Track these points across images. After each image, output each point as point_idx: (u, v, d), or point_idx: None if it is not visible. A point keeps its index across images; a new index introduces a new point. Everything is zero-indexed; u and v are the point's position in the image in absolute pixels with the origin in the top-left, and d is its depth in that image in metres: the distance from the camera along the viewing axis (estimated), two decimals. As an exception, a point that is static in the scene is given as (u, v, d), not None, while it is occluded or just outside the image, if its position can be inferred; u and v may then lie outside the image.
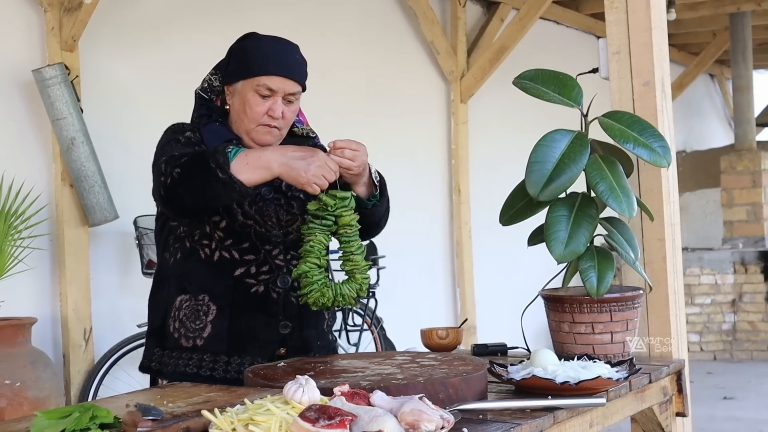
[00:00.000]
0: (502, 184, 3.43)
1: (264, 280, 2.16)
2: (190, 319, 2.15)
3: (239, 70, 2.17)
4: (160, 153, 2.14)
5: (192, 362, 2.14)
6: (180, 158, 2.03)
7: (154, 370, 2.21)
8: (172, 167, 2.01)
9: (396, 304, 5.75)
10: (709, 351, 8.18)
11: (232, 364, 2.13)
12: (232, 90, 2.20)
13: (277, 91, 2.14)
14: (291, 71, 2.15)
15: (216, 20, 5.01)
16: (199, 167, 1.98)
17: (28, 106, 4.13)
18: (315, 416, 1.34)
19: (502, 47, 6.53)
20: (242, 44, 2.21)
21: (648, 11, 2.39)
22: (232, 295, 2.14)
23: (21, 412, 3.44)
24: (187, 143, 2.15)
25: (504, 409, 1.66)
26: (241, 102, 2.16)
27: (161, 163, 2.06)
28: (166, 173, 2.02)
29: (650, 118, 2.32)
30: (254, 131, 2.17)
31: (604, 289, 2.03)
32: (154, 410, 1.47)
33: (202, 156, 1.99)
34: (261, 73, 2.13)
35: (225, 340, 2.13)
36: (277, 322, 2.16)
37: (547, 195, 2.01)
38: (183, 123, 2.25)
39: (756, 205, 8.63)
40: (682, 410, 2.27)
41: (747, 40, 8.84)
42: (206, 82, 2.26)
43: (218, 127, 2.20)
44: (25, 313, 3.88)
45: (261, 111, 2.14)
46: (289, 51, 2.19)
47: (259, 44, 2.18)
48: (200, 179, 1.98)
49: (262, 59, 2.14)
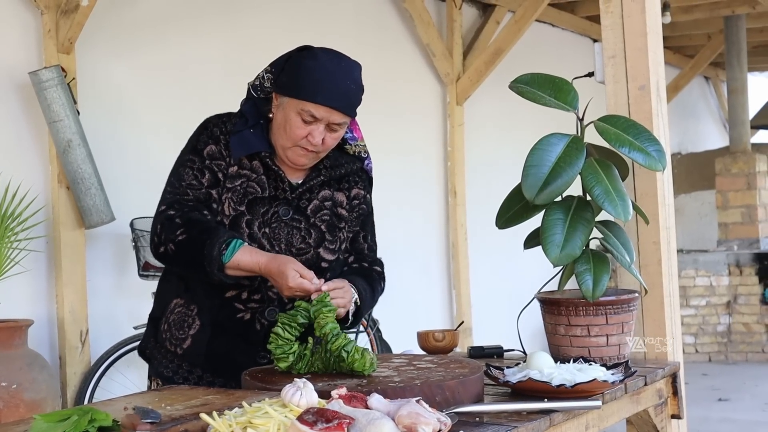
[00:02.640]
0: (498, 186, 3.45)
1: (252, 309, 2.11)
2: (176, 326, 2.15)
3: (288, 86, 2.05)
4: (173, 173, 2.12)
5: (171, 366, 2.15)
6: (176, 229, 2.02)
7: (147, 356, 2.24)
8: (167, 239, 2.03)
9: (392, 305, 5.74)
10: (704, 352, 8.20)
11: (204, 380, 2.12)
12: (279, 101, 2.09)
13: (321, 120, 2.03)
14: (340, 102, 2.03)
15: (212, 22, 5.02)
16: (193, 258, 2.00)
17: (24, 109, 4.13)
18: (313, 419, 1.35)
19: (497, 50, 6.55)
20: (299, 58, 2.07)
21: (643, 16, 2.41)
22: (218, 315, 2.12)
23: (17, 414, 3.44)
24: (201, 169, 2.09)
25: (500, 411, 1.67)
26: (283, 118, 2.06)
27: (158, 221, 2.06)
28: (161, 240, 2.04)
29: (645, 121, 2.33)
30: (290, 150, 2.08)
31: (600, 292, 2.05)
32: (152, 413, 1.48)
33: (198, 247, 1.98)
34: (308, 99, 2.01)
35: (202, 355, 2.12)
36: (256, 351, 2.12)
37: (543, 198, 2.02)
38: (218, 119, 2.15)
39: (750, 207, 8.65)
40: (678, 412, 2.28)
41: (741, 42, 8.86)
42: (259, 78, 2.14)
43: (250, 136, 2.10)
44: (21, 315, 3.88)
45: (300, 135, 2.04)
46: (344, 78, 2.05)
47: (314, 65, 2.03)
48: (192, 268, 2.03)
49: (312, 85, 2.02)
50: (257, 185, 2.11)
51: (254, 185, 2.10)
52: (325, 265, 2.14)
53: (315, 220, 2.14)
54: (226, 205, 2.08)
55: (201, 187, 2.09)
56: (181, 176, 2.10)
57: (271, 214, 2.10)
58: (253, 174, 2.11)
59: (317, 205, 2.15)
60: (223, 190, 2.09)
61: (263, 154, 2.10)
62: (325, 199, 2.16)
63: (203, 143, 2.12)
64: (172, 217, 2.05)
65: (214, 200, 2.09)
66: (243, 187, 2.09)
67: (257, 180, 2.11)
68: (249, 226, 2.08)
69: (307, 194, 2.15)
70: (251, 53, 4.83)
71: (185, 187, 2.09)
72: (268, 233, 2.09)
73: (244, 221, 2.08)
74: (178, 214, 2.05)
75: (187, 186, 2.09)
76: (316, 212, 2.14)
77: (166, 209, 2.07)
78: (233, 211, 2.08)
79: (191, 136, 2.16)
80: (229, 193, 2.09)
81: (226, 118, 2.15)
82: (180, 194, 2.09)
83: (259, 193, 2.10)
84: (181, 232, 2.02)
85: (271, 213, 2.10)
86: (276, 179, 2.12)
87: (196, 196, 2.08)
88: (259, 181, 2.11)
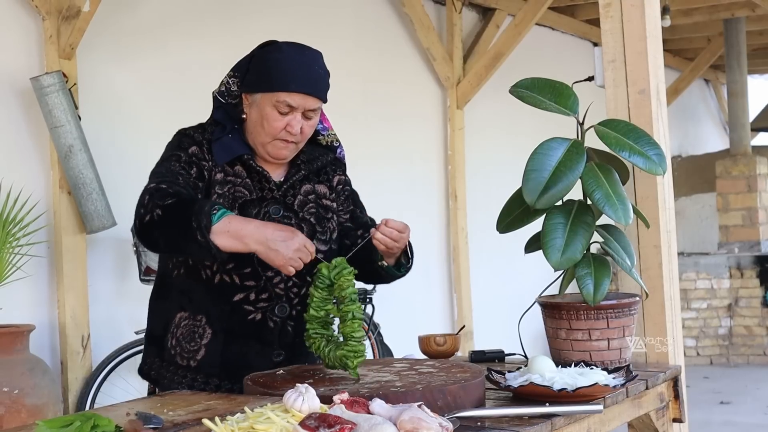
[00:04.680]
0: (498, 190, 3.45)
1: (262, 308, 2.12)
2: (186, 339, 2.14)
3: (259, 82, 2.09)
4: (158, 166, 2.11)
5: (186, 380, 2.14)
6: (165, 196, 1.96)
7: (153, 378, 2.22)
8: (154, 205, 1.96)
9: (393, 309, 5.75)
10: (705, 356, 8.19)
11: (222, 388, 2.11)
12: (250, 100, 2.13)
13: (297, 108, 2.08)
14: (313, 88, 2.08)
15: (213, 27, 5.02)
16: (180, 219, 1.92)
17: (26, 114, 4.14)
18: (315, 424, 1.35)
19: (497, 53, 6.56)
20: (263, 54, 2.12)
21: (643, 20, 2.41)
22: (229, 320, 2.12)
23: (19, 419, 3.44)
24: (188, 162, 2.10)
25: (502, 416, 1.67)
26: (258, 114, 2.10)
27: (146, 192, 2.00)
28: (147, 208, 1.97)
29: (645, 126, 2.33)
30: (270, 145, 2.12)
31: (601, 296, 2.05)
32: (154, 419, 1.49)
33: (186, 208, 1.93)
34: (281, 89, 2.06)
35: (217, 365, 2.13)
36: (270, 350, 2.14)
37: (544, 203, 2.03)
38: (194, 130, 2.17)
39: (751, 209, 8.65)
40: (679, 416, 2.28)
41: (741, 45, 8.88)
42: (224, 84, 2.18)
43: (230, 141, 2.13)
44: (22, 320, 3.88)
45: (279, 126, 2.08)
46: (311, 64, 2.11)
47: (281, 57, 2.09)
48: (178, 231, 1.93)
49: (283, 75, 2.06)
50: (244, 189, 2.13)
51: (241, 189, 2.13)
52: (319, 256, 2.14)
53: (303, 214, 2.18)
54: None
55: (189, 177, 2.08)
56: (169, 167, 2.08)
57: (263, 214, 2.12)
58: (238, 179, 2.13)
59: (302, 200, 2.20)
60: (213, 196, 2.10)
61: (245, 157, 2.13)
62: (308, 192, 2.21)
63: (186, 144, 2.13)
64: (161, 189, 1.99)
65: (200, 192, 2.09)
66: (231, 193, 2.11)
67: (243, 184, 2.13)
68: None
69: (291, 191, 2.18)
70: (252, 58, 4.84)
71: (175, 173, 2.07)
72: None
73: None
74: (168, 187, 2.00)
75: (177, 173, 2.07)
76: (302, 207, 2.18)
77: (157, 184, 2.02)
78: None
79: (169, 143, 2.16)
80: (220, 200, 2.09)
81: (201, 128, 2.17)
82: (170, 176, 2.05)
83: (248, 195, 2.13)
84: (170, 197, 1.97)
85: (263, 213, 2.12)
86: (261, 180, 2.15)
87: (186, 181, 2.07)
88: (245, 185, 2.13)
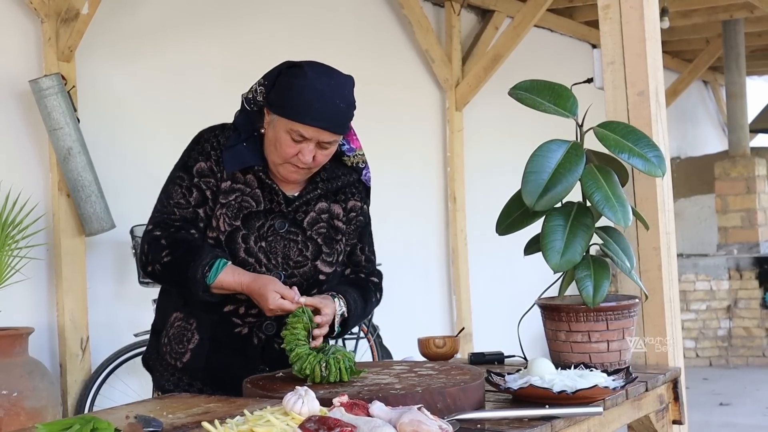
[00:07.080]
0: (497, 192, 3.45)
1: (249, 323, 2.12)
2: (176, 340, 2.16)
3: (278, 105, 2.04)
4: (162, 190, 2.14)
5: (172, 379, 2.17)
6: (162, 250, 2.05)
7: (150, 367, 2.26)
8: (153, 260, 2.06)
9: (392, 311, 5.75)
10: (704, 357, 8.19)
11: (204, 393, 2.10)
12: (269, 117, 2.08)
13: (310, 139, 2.02)
14: (329, 123, 2.01)
15: (212, 30, 5.02)
16: (179, 279, 2.04)
17: (24, 117, 4.14)
18: (315, 427, 1.35)
19: (496, 55, 6.56)
20: (288, 77, 2.04)
21: (642, 22, 2.41)
22: (216, 329, 2.13)
23: (18, 422, 3.43)
24: (189, 188, 2.10)
25: (502, 418, 1.67)
26: (274, 135, 2.05)
27: (145, 240, 2.09)
28: (148, 260, 2.08)
29: (645, 127, 2.33)
30: (281, 167, 2.08)
31: (601, 298, 2.05)
32: (154, 422, 1.48)
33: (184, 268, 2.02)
34: (297, 120, 2.00)
35: (201, 370, 2.14)
36: (254, 365, 2.14)
37: (543, 205, 2.02)
38: (213, 132, 2.14)
39: (750, 211, 8.65)
40: (679, 418, 2.28)
41: (740, 47, 8.88)
42: (252, 92, 2.12)
43: (243, 150, 2.09)
44: (21, 323, 3.88)
45: (290, 153, 2.04)
46: (333, 97, 2.02)
47: (304, 85, 2.01)
48: (178, 286, 2.09)
49: (300, 106, 2.00)
50: (252, 199, 2.11)
51: (249, 199, 2.11)
52: (322, 277, 2.15)
53: (311, 232, 2.14)
54: (222, 221, 2.09)
55: (188, 206, 2.11)
56: (170, 194, 2.13)
57: (267, 227, 2.10)
58: (248, 188, 2.11)
59: (314, 218, 2.15)
60: (216, 206, 2.10)
61: (257, 168, 2.10)
62: (321, 211, 2.17)
63: (194, 160, 2.12)
64: (158, 238, 2.08)
65: (201, 219, 2.11)
66: (237, 202, 2.10)
67: (251, 194, 2.11)
68: (245, 240, 2.08)
69: (303, 207, 2.15)
70: (250, 61, 4.84)
71: (173, 206, 2.11)
72: (265, 247, 2.09)
73: (240, 236, 2.08)
74: (164, 234, 2.08)
75: (175, 205, 2.11)
76: (312, 225, 2.15)
77: (153, 229, 2.11)
78: (229, 226, 2.08)
79: (185, 149, 2.17)
80: (223, 209, 2.09)
81: (220, 131, 2.15)
82: (167, 213, 2.11)
83: (254, 207, 2.11)
84: (166, 254, 2.05)
85: (267, 226, 2.10)
86: (270, 192, 2.12)
87: (183, 215, 2.10)
88: (253, 195, 2.11)
